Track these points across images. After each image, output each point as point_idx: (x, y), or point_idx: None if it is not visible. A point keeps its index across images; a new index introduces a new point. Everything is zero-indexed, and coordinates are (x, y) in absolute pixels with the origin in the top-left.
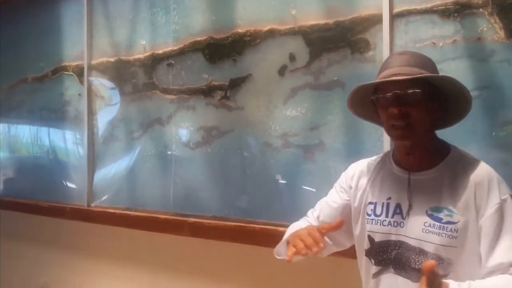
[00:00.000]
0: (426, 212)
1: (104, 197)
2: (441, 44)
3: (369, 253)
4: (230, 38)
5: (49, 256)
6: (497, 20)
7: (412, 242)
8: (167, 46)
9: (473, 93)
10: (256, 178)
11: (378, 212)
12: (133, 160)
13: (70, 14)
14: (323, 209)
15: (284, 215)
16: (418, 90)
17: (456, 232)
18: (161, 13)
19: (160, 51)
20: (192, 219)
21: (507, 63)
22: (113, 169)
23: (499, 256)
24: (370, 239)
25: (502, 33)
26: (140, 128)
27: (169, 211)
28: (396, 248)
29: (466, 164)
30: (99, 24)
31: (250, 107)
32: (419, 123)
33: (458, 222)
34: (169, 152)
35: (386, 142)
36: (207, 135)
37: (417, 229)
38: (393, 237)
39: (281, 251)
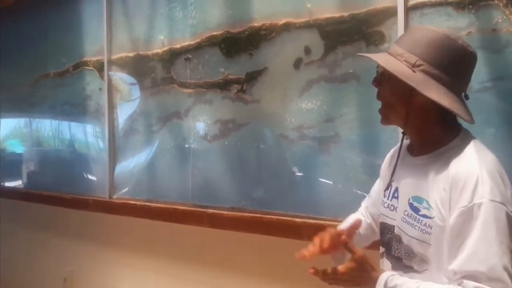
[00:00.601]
0: (408, 200)
1: (125, 189)
2: None
3: (379, 234)
4: (246, 32)
5: (74, 247)
6: None
7: (396, 228)
8: (185, 40)
9: (488, 84)
10: (272, 170)
11: (386, 193)
12: (152, 153)
13: (90, 10)
14: (369, 198)
15: (300, 206)
16: (381, 70)
17: (430, 228)
18: (178, 8)
19: (178, 46)
20: (211, 211)
21: None
22: (133, 161)
23: (456, 263)
24: (379, 220)
25: None
26: (159, 122)
27: (187, 202)
28: (390, 232)
29: (456, 157)
30: (118, 19)
31: (266, 100)
32: (391, 109)
33: (433, 217)
34: (187, 145)
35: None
36: (223, 128)
37: (399, 216)
38: (389, 221)
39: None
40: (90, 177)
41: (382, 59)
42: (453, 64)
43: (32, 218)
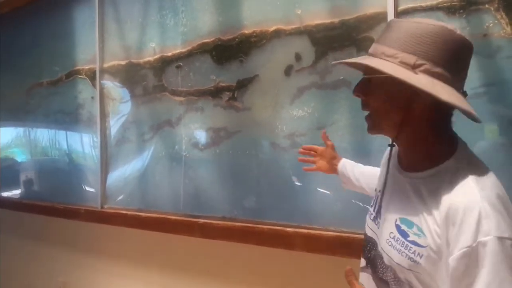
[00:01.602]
0: (395, 221)
1: (117, 199)
2: None
3: (363, 245)
4: (237, 39)
5: (66, 257)
6: (504, 16)
7: (380, 248)
8: (176, 48)
9: (480, 90)
10: (263, 178)
11: (372, 203)
12: (144, 161)
13: (82, 18)
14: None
15: (291, 215)
16: (369, 76)
17: (420, 257)
18: (169, 16)
19: (169, 53)
20: (202, 220)
21: None
22: (125, 171)
23: None
24: (364, 230)
25: (508, 29)
26: (151, 130)
27: (179, 212)
28: (374, 248)
29: (454, 181)
30: (110, 28)
31: (257, 107)
32: (377, 113)
33: (426, 247)
34: (178, 154)
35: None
36: (215, 136)
37: (384, 237)
38: (374, 235)
39: None
40: (84, 186)
41: (373, 63)
42: (454, 59)
43: (25, 228)
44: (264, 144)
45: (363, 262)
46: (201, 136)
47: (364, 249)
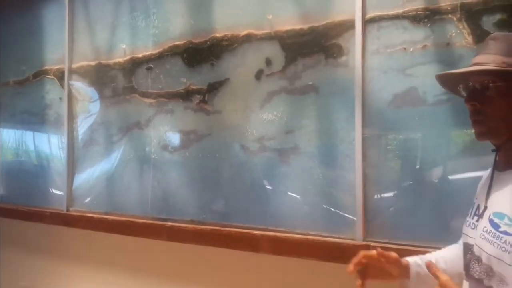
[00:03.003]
0: (489, 216)
1: (84, 201)
2: (411, 49)
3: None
4: (208, 43)
5: (29, 261)
6: (465, 26)
7: (475, 247)
8: (147, 50)
9: (442, 97)
10: (233, 182)
11: (469, 212)
12: (112, 164)
13: (52, 18)
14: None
15: (259, 218)
16: (492, 84)
17: (510, 246)
18: (141, 18)
19: (140, 55)
20: (170, 223)
21: None
22: (92, 173)
23: None
24: (462, 240)
25: (470, 39)
26: (119, 132)
27: (147, 215)
28: (469, 252)
29: None
30: (80, 28)
31: (228, 111)
32: (497, 120)
33: None
34: (147, 156)
35: (358, 146)
36: (185, 138)
37: (479, 234)
38: (470, 240)
39: None
40: (48, 188)
41: (497, 68)
42: None
43: None
44: (234, 147)
45: (464, 270)
46: (171, 138)
47: (463, 256)
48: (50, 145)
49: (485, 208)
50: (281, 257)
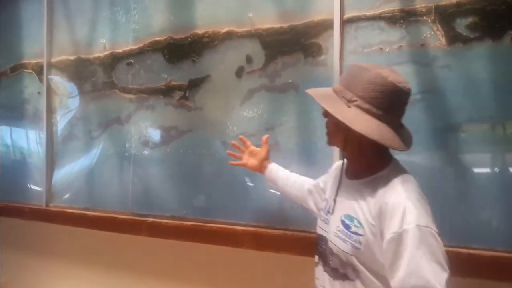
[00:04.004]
0: (341, 217)
1: (64, 197)
2: (387, 50)
3: (315, 243)
4: (189, 39)
5: (8, 256)
6: (439, 28)
7: (329, 241)
8: (127, 45)
9: (417, 97)
10: (213, 178)
11: (322, 207)
12: (92, 159)
13: (30, 11)
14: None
15: (240, 214)
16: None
17: (360, 244)
18: (121, 13)
19: (120, 50)
20: (150, 219)
21: (448, 68)
22: (72, 168)
23: (396, 281)
24: (316, 230)
25: (443, 40)
26: (99, 127)
27: (127, 210)
28: (324, 243)
29: (387, 185)
30: (59, 21)
31: (208, 107)
32: (333, 136)
33: (363, 235)
34: (127, 152)
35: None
36: (166, 134)
37: (332, 231)
38: (324, 233)
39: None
40: (29, 184)
41: (322, 97)
42: (384, 99)
43: None
44: (215, 143)
45: (316, 258)
46: (151, 134)
47: (317, 246)
48: (29, 140)
49: (334, 205)
50: (262, 252)
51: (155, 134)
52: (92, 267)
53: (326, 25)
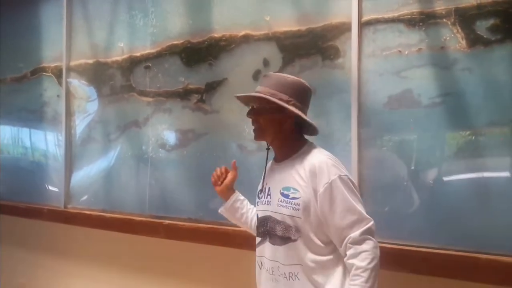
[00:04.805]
0: (280, 191)
1: (82, 199)
2: (406, 52)
3: (256, 228)
4: (206, 42)
5: (27, 257)
6: (459, 30)
7: (273, 215)
8: (145, 49)
9: (436, 100)
10: None
11: (260, 195)
12: (110, 162)
13: (50, 15)
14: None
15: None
16: (259, 105)
17: (298, 205)
18: (139, 16)
19: (138, 54)
20: (167, 221)
21: (468, 71)
22: (90, 170)
23: (336, 222)
24: (257, 217)
25: (464, 43)
26: (117, 130)
27: (144, 213)
28: (268, 221)
29: (309, 155)
30: (78, 26)
31: (225, 110)
32: (264, 128)
33: (300, 198)
34: (145, 155)
35: (354, 147)
36: (183, 137)
37: (274, 204)
38: (266, 213)
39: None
40: (45, 186)
41: (265, 97)
42: (302, 98)
43: None
44: (231, 146)
45: (258, 239)
46: (169, 137)
47: (259, 228)
48: (47, 142)
49: (270, 188)
50: None
51: (172, 137)
52: (109, 268)
53: (344, 28)
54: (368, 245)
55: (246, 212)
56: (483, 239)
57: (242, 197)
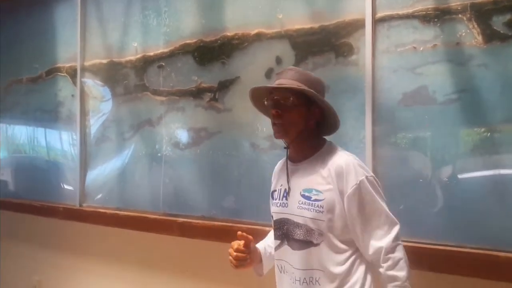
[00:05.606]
0: (300, 193)
1: (97, 197)
2: (421, 49)
3: (274, 231)
4: (219, 41)
5: (43, 255)
6: (475, 26)
7: (292, 218)
8: (158, 48)
9: (452, 96)
10: (243, 179)
11: (275, 196)
12: (124, 160)
13: (64, 16)
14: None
15: (269, 215)
16: (290, 98)
17: (322, 207)
18: (152, 16)
19: (151, 53)
20: (181, 219)
21: (485, 67)
22: (104, 169)
23: (365, 228)
24: (273, 219)
25: (480, 38)
26: (131, 129)
27: (158, 211)
28: (286, 224)
29: (331, 156)
30: (92, 26)
31: (238, 109)
32: (290, 124)
33: (323, 199)
34: (159, 153)
35: (368, 144)
36: (196, 136)
37: (294, 207)
38: (283, 216)
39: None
40: (62, 184)
41: (306, 89)
42: (324, 95)
43: (0, 225)
44: (244, 145)
45: (276, 242)
46: (182, 136)
47: (277, 231)
48: (62, 141)
49: (290, 189)
50: None
51: (185, 136)
52: (123, 266)
53: (357, 25)
54: (400, 252)
55: (270, 248)
56: (501, 237)
57: (261, 248)
